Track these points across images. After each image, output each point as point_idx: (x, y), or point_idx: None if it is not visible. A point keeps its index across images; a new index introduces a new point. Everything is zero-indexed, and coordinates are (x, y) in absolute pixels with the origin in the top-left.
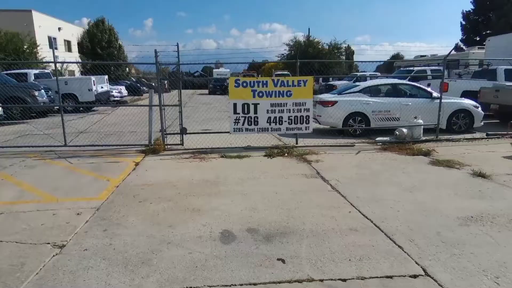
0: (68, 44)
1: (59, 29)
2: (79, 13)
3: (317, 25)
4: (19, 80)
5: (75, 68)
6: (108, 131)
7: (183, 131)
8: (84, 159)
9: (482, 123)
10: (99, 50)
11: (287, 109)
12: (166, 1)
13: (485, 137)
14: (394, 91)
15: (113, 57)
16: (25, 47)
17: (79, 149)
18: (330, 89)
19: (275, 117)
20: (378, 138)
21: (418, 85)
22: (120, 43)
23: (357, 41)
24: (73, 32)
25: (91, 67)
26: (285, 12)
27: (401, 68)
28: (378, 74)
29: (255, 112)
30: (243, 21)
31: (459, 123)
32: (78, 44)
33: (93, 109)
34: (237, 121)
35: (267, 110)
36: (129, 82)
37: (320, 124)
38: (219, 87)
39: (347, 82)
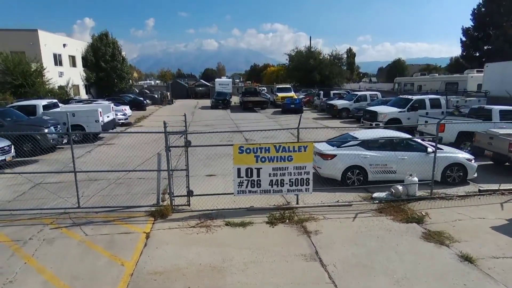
0: (72, 59)
1: (64, 45)
2: (81, 14)
3: (319, 25)
4: (28, 112)
5: (80, 83)
6: (116, 177)
7: (189, 194)
8: (98, 228)
9: (475, 175)
10: (102, 63)
11: (288, 172)
12: (168, 1)
13: (478, 193)
14: (391, 145)
15: (117, 70)
16: (32, 69)
17: (92, 210)
18: (330, 108)
19: (277, 180)
20: (375, 195)
21: (414, 138)
22: (124, 55)
23: (359, 41)
24: (77, 47)
25: (95, 80)
26: (286, 12)
27: (400, 96)
28: (378, 94)
29: (258, 175)
30: (244, 21)
31: (453, 176)
32: (82, 58)
33: (99, 136)
34: (241, 184)
35: (269, 174)
36: (132, 96)
37: (319, 175)
38: (221, 102)
39: (348, 102)
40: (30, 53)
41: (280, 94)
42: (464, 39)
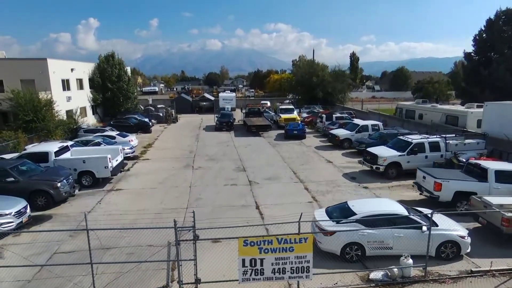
0: (80, 82)
1: (72, 70)
2: (86, 14)
3: (322, 25)
4: (40, 159)
5: (87, 104)
6: (127, 243)
7: (197, 281)
8: None
9: (469, 250)
10: (109, 84)
11: (289, 261)
12: (171, 1)
13: (470, 273)
14: (388, 222)
15: (123, 90)
16: (42, 103)
17: None
18: (333, 138)
19: (279, 268)
20: (371, 275)
21: (411, 217)
22: (129, 75)
23: (363, 40)
24: (85, 69)
25: (101, 101)
26: (290, 12)
27: (400, 137)
28: (380, 124)
29: (261, 265)
30: (248, 21)
31: (447, 252)
32: (89, 79)
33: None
34: (245, 272)
35: (272, 263)
36: (138, 118)
37: (320, 249)
38: (225, 124)
39: (350, 132)
40: (40, 81)
41: (283, 116)
42: (466, 63)
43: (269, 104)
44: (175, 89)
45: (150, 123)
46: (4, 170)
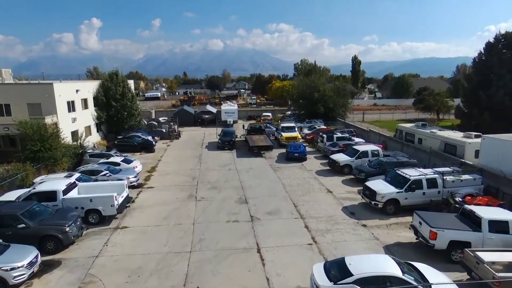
0: (84, 102)
1: (77, 91)
2: (88, 14)
3: (324, 25)
4: (48, 198)
5: (91, 122)
6: None
7: None
8: None
9: None
10: (113, 102)
11: None
12: (174, 2)
13: None
14: (383, 284)
15: (126, 108)
16: (49, 133)
17: None
18: (333, 164)
19: None
20: None
21: (405, 279)
22: (133, 92)
23: (365, 40)
24: (89, 88)
25: (106, 119)
26: (292, 12)
27: (398, 171)
28: (379, 149)
29: None
30: (250, 21)
31: None
32: (94, 98)
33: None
34: None
35: None
36: (142, 137)
37: None
38: (227, 143)
39: (350, 158)
40: (46, 104)
41: (285, 134)
42: (466, 84)
43: (271, 116)
44: (177, 93)
45: (154, 142)
46: (15, 216)
